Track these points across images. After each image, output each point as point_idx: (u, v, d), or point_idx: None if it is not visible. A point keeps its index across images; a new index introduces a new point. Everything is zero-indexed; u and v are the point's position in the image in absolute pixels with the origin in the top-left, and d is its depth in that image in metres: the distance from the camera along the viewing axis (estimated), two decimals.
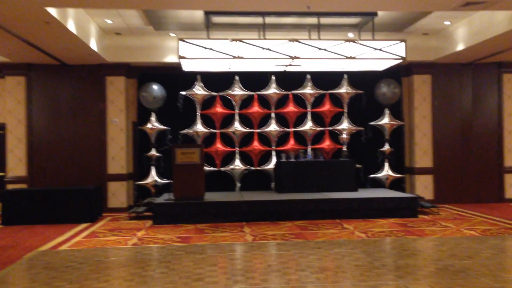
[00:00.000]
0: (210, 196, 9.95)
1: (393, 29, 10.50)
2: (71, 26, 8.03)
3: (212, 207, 9.27)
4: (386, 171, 11.41)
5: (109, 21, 9.45)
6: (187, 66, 9.42)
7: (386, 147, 11.46)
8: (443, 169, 11.67)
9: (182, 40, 8.40)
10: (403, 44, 8.91)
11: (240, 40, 8.49)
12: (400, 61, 9.12)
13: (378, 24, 9.80)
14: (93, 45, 9.53)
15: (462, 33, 10.20)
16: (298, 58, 8.73)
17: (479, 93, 11.80)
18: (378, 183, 11.45)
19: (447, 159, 11.70)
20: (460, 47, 10.25)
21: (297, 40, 8.66)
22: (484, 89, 11.81)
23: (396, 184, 11.48)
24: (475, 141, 11.77)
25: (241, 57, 8.51)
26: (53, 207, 9.48)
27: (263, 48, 8.59)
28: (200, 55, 8.46)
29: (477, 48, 10.02)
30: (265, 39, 8.81)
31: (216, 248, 6.99)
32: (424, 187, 11.57)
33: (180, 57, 8.43)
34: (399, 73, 11.70)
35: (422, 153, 11.61)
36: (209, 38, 8.72)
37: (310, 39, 8.88)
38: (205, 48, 8.44)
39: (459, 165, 11.73)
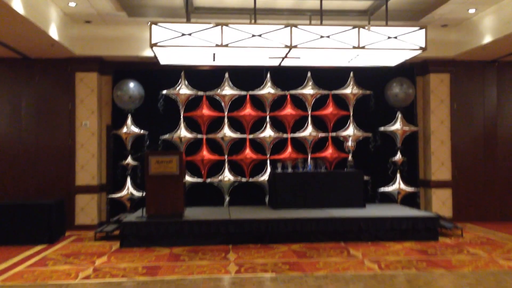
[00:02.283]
0: (192, 213, 8.42)
1: (407, 18, 9.01)
2: (17, 5, 6.55)
3: (192, 227, 7.73)
4: (398, 184, 9.89)
5: (72, 4, 7.98)
6: (164, 58, 7.94)
7: (398, 156, 9.95)
8: (463, 182, 10.13)
9: (154, 23, 6.91)
10: (423, 31, 7.40)
11: (225, 25, 7.00)
12: (419, 52, 7.61)
13: (389, 12, 8.32)
14: (54, 33, 8.06)
15: (489, 23, 8.70)
16: (296, 47, 7.23)
17: (505, 95, 10.29)
18: (388, 198, 9.92)
19: (468, 170, 10.16)
20: (486, 39, 8.75)
21: (295, 26, 7.16)
22: (511, 90, 10.31)
23: (409, 199, 9.95)
24: (500, 150, 10.24)
25: (226, 45, 7.01)
26: (4, 225, 7.97)
27: (254, 35, 7.08)
28: (176, 43, 6.96)
29: (506, 40, 8.52)
30: (256, 23, 7.30)
31: (186, 287, 5.45)
32: (441, 202, 10.03)
33: (153, 45, 6.94)
34: (413, 71, 10.21)
35: (439, 163, 10.07)
36: (188, 22, 7.23)
37: (311, 24, 7.39)
38: (183, 34, 6.93)
39: (482, 177, 10.18)
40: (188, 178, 9.59)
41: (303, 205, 8.95)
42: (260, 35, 7.11)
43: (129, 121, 9.53)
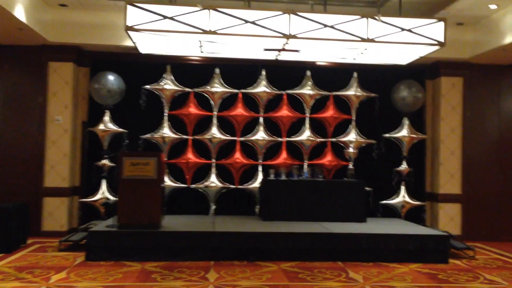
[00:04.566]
0: (172, 222, 7.47)
1: (419, 13, 8.11)
2: None
3: (169, 239, 6.76)
4: (402, 197, 8.95)
5: None
6: (144, 46, 7.00)
7: (404, 166, 9.01)
8: (475, 197, 9.18)
9: (131, 4, 5.97)
10: (441, 24, 6.48)
11: (213, 9, 6.06)
12: (436, 48, 6.70)
13: (401, 5, 7.43)
14: (21, 15, 7.11)
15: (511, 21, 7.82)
16: (294, 37, 6.30)
17: None
18: (391, 212, 8.97)
19: (481, 184, 9.21)
20: (508, 39, 7.84)
21: (294, 12, 6.24)
22: None
23: (414, 214, 9.01)
24: None
25: (214, 32, 6.07)
26: None
27: (247, 22, 6.15)
28: (156, 27, 6.03)
29: None
30: (249, 8, 6.38)
31: None
32: (449, 219, 9.09)
33: (128, 28, 6.00)
34: (423, 74, 9.31)
35: (449, 175, 9.13)
36: (171, 4, 6.28)
37: (313, 12, 6.48)
38: (164, 17, 5.99)
39: (495, 192, 9.24)
40: (170, 183, 8.63)
41: (297, 217, 8.02)
42: (253, 22, 6.18)
43: (107, 117, 8.58)
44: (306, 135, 8.92)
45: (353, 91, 9.04)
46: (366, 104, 9.13)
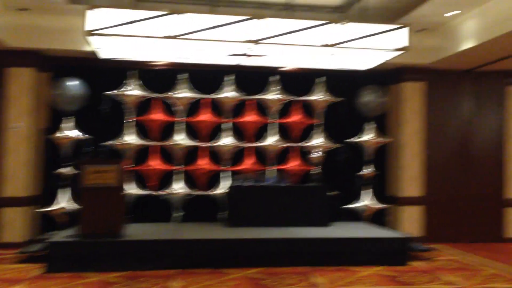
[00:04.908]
0: (135, 231, 7.35)
1: (382, 19, 8.26)
2: None
3: (132, 248, 6.66)
4: (365, 201, 9.07)
5: None
6: (106, 51, 6.90)
7: (367, 170, 9.14)
8: (436, 199, 9.38)
9: (91, 8, 5.87)
10: (405, 30, 6.60)
11: (177, 13, 6.02)
12: (401, 53, 6.81)
13: (364, 11, 7.56)
14: None
15: (471, 28, 8.02)
16: (260, 42, 6.32)
17: (480, 109, 9.64)
18: (355, 215, 9.07)
19: (443, 187, 9.43)
20: (467, 45, 8.06)
21: (260, 17, 6.25)
22: (486, 104, 9.65)
23: (377, 217, 9.14)
24: (473, 166, 9.55)
25: (176, 37, 6.03)
26: None
27: (210, 28, 6.13)
28: (118, 32, 5.94)
29: (488, 46, 7.85)
30: (215, 13, 6.37)
31: None
32: (412, 221, 9.25)
33: (88, 33, 5.89)
34: (386, 79, 9.47)
35: (411, 178, 9.31)
36: (133, 8, 6.20)
37: (279, 17, 6.51)
38: (131, 22, 5.92)
39: (456, 194, 9.46)
40: (133, 191, 8.50)
41: (264, 223, 8.01)
42: (217, 27, 6.16)
43: (68, 124, 8.40)
44: (272, 140, 8.95)
45: (319, 96, 9.12)
46: (333, 108, 9.22)
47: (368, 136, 9.09)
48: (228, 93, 8.85)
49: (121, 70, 8.59)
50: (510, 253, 8.50)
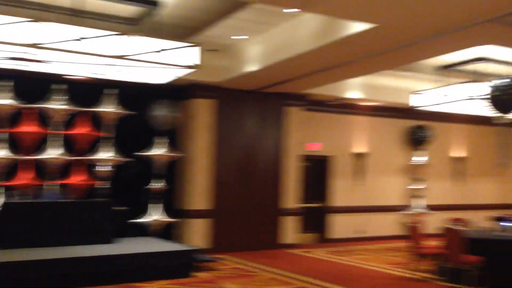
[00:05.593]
0: None
1: (175, 36, 8.40)
2: None
3: None
4: (154, 215, 9.02)
5: None
6: None
7: (156, 184, 9.11)
8: (223, 212, 9.88)
9: None
10: (198, 48, 6.77)
11: None
12: (192, 70, 6.96)
13: (158, 26, 7.59)
14: None
15: (256, 52, 8.75)
16: (39, 47, 5.80)
17: (263, 127, 10.52)
18: (143, 230, 8.94)
19: (228, 200, 9.98)
20: (252, 67, 8.76)
21: (40, 21, 5.75)
22: (268, 122, 10.58)
23: (166, 231, 9.17)
24: (256, 180, 10.35)
25: None
26: None
27: None
28: None
29: (270, 70, 8.64)
30: None
31: None
32: (200, 233, 9.59)
33: None
34: (179, 94, 9.67)
35: (200, 192, 9.66)
36: None
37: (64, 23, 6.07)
38: None
39: (240, 207, 10.10)
40: None
41: (41, 243, 7.31)
42: None
43: None
44: (54, 152, 8.29)
45: (110, 108, 8.81)
46: (124, 121, 8.98)
47: (159, 150, 9.10)
48: (4, 101, 7.94)
49: None
50: (284, 258, 9.40)
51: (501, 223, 7.80)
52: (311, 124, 11.16)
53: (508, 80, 7.56)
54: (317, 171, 11.50)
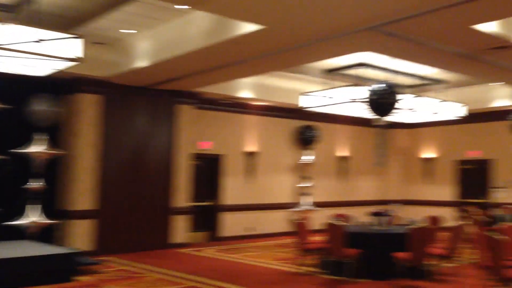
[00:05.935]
0: None
1: (56, 27, 7.85)
2: None
3: None
4: (32, 216, 8.36)
5: None
6: None
7: (34, 183, 8.44)
8: (110, 212, 9.47)
9: None
10: (81, 40, 6.35)
11: None
12: (75, 63, 6.51)
13: (39, 15, 7.02)
14: None
15: (146, 47, 8.49)
16: None
17: (154, 124, 10.25)
18: (20, 233, 8.25)
19: (115, 199, 9.58)
20: (141, 63, 8.49)
21: None
22: (159, 120, 10.34)
23: (46, 233, 8.54)
24: (147, 178, 10.07)
25: None
26: None
27: None
28: None
29: (160, 66, 8.44)
30: None
31: None
32: (83, 235, 9.10)
33: None
34: (62, 88, 9.08)
35: (83, 192, 9.16)
36: None
37: None
38: None
39: (128, 206, 9.75)
40: None
41: None
42: None
43: None
44: None
45: None
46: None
47: (38, 147, 8.45)
48: None
49: None
50: (174, 258, 9.26)
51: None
52: (203, 122, 11.13)
53: (385, 85, 8.17)
54: (208, 169, 11.51)
